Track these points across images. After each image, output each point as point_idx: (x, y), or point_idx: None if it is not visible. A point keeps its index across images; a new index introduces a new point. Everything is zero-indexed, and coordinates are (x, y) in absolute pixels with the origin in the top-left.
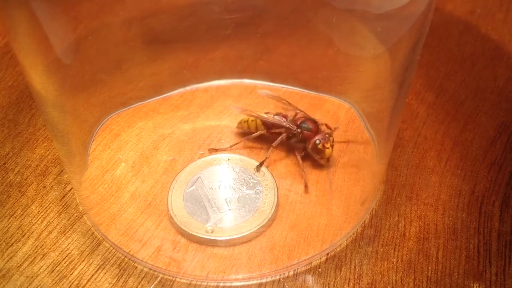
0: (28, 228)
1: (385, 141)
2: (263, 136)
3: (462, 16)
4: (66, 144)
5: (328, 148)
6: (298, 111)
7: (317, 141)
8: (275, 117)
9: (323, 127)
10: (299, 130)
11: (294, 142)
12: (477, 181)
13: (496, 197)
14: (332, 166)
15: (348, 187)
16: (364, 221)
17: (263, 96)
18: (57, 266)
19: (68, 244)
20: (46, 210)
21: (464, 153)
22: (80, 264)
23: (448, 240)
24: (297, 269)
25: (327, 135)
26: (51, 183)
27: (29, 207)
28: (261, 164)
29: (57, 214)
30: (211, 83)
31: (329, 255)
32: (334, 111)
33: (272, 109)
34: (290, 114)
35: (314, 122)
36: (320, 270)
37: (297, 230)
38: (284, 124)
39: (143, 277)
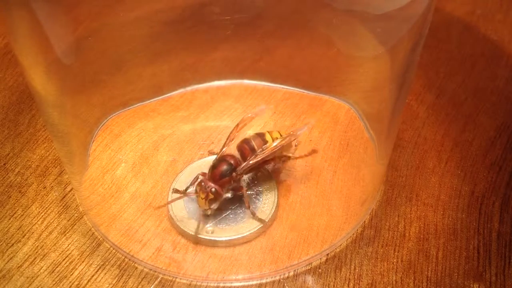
0: (28, 229)
1: (385, 142)
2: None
3: (462, 17)
4: (66, 144)
5: (202, 198)
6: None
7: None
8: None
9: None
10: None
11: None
12: (477, 181)
13: (496, 198)
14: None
15: (348, 187)
16: (364, 221)
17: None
18: (57, 267)
19: (68, 245)
20: (47, 211)
21: (464, 153)
22: (80, 264)
23: (448, 240)
24: (297, 269)
25: (208, 187)
26: (51, 183)
27: (29, 207)
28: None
29: (57, 215)
30: (211, 84)
31: (329, 255)
32: (334, 112)
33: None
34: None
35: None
36: (320, 270)
37: (297, 231)
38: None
39: (143, 278)
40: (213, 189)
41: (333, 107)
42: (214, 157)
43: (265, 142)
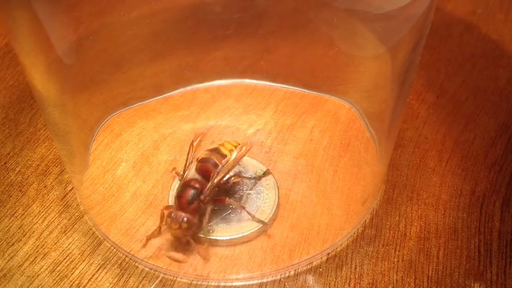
0: (29, 228)
1: (386, 141)
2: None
3: (463, 16)
4: (67, 143)
5: (175, 229)
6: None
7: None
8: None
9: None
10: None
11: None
12: (478, 181)
13: (497, 197)
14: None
15: (349, 186)
16: (365, 221)
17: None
18: (58, 266)
19: (69, 244)
20: (47, 210)
21: (465, 153)
22: (81, 263)
23: (449, 240)
24: (298, 269)
25: (179, 217)
26: (52, 182)
27: (30, 206)
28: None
29: (58, 214)
30: (212, 83)
31: (330, 255)
32: (335, 111)
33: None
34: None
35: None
36: (321, 270)
37: (298, 230)
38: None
39: (144, 277)
40: (185, 219)
41: (334, 107)
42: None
43: (224, 156)
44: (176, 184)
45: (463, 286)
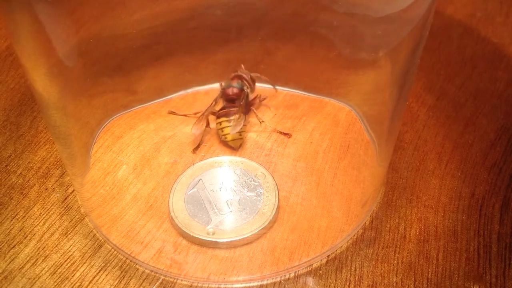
0: (30, 230)
1: (385, 144)
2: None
3: (462, 19)
4: (68, 146)
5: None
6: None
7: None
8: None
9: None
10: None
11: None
12: (477, 183)
13: (496, 200)
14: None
15: (349, 189)
16: (365, 223)
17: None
18: (59, 268)
19: (70, 246)
20: (48, 212)
21: (464, 155)
22: (82, 266)
23: (448, 242)
24: (298, 271)
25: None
26: (53, 185)
27: (31, 209)
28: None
29: (59, 216)
30: (212, 86)
31: (329, 257)
32: (334, 114)
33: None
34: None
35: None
36: (320, 272)
37: (297, 232)
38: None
39: (145, 279)
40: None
41: (334, 109)
42: (215, 159)
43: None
44: (177, 186)
45: None
